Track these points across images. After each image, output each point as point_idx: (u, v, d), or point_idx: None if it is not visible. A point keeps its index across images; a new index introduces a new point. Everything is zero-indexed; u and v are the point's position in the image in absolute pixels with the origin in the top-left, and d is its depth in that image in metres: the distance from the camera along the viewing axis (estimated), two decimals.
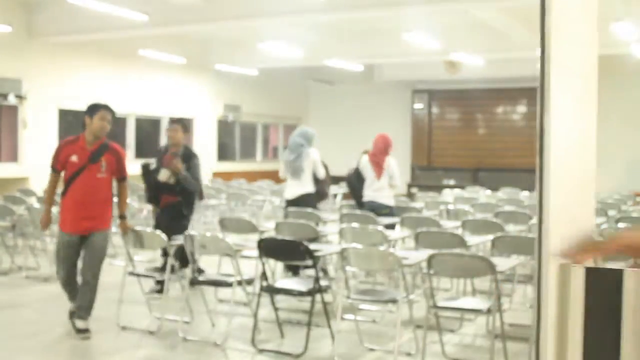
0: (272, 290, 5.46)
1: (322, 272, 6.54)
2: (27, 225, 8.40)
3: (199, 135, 16.82)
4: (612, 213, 8.98)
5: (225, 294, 6.41)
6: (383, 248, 5.52)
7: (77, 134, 5.58)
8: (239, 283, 5.48)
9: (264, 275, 5.39)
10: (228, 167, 17.77)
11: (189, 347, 5.39)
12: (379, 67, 17.93)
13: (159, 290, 6.79)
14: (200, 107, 16.81)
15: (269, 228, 6.96)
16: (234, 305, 5.72)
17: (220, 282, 5.68)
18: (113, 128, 5.61)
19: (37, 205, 8.52)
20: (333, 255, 6.38)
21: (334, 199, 14.11)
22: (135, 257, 7.53)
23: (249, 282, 5.65)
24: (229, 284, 5.52)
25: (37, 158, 12.38)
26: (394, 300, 5.01)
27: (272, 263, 6.72)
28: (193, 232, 5.96)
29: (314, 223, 7.15)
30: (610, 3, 10.93)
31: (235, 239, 6.16)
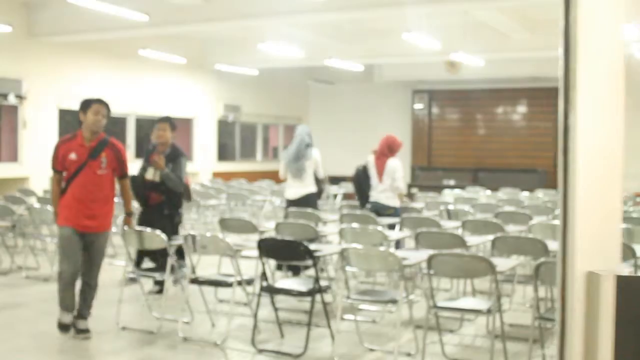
0: (272, 291, 5.46)
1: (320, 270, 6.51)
2: (27, 225, 8.41)
3: (199, 136, 16.83)
4: None
5: (225, 294, 6.42)
6: (383, 248, 5.53)
7: (73, 132, 5.47)
8: (239, 283, 5.48)
9: (264, 276, 5.39)
10: (228, 167, 17.77)
11: (189, 347, 5.39)
12: (379, 67, 17.93)
13: (159, 291, 6.79)
14: (201, 107, 16.81)
15: (269, 228, 6.96)
16: (234, 306, 5.72)
17: (220, 282, 5.68)
18: (112, 128, 5.55)
19: (37, 205, 8.52)
20: (333, 256, 6.38)
21: (334, 199, 14.11)
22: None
23: (249, 282, 5.65)
24: (229, 284, 5.52)
25: (37, 158, 12.39)
26: (394, 301, 5.01)
27: (272, 263, 6.73)
28: (192, 231, 5.95)
29: (314, 223, 7.15)
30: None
31: (235, 239, 6.16)
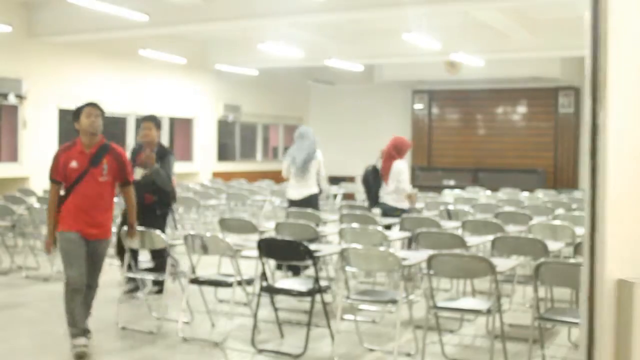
0: (271, 291, 5.46)
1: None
2: (27, 225, 8.40)
3: (199, 136, 16.83)
4: None
5: (225, 294, 6.42)
6: (383, 248, 5.52)
7: (73, 139, 5.21)
8: (239, 283, 5.48)
9: (264, 276, 5.39)
10: (228, 167, 17.77)
11: (189, 347, 5.39)
12: (379, 67, 17.93)
13: (158, 291, 6.79)
14: (201, 107, 16.81)
15: (269, 228, 6.96)
16: (234, 306, 5.72)
17: (220, 282, 5.68)
18: (112, 128, 5.41)
19: (37, 205, 8.52)
20: (333, 256, 6.38)
21: (334, 199, 14.11)
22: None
23: (249, 282, 5.65)
24: (229, 284, 5.52)
25: (37, 158, 12.38)
26: (394, 301, 5.01)
27: (272, 263, 6.73)
28: (192, 231, 5.95)
29: (314, 223, 7.15)
30: None
31: (235, 239, 6.16)
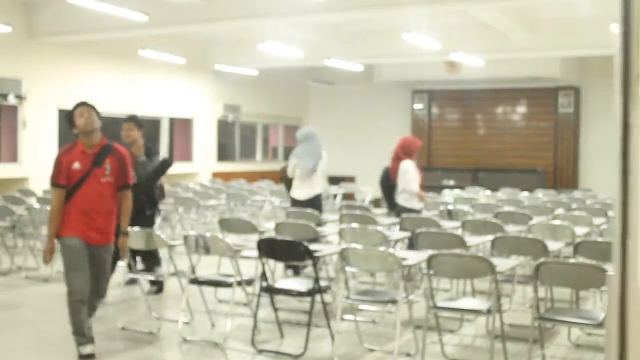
0: (272, 291, 5.46)
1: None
2: (27, 226, 8.40)
3: (199, 136, 16.83)
4: (611, 214, 8.98)
5: (225, 295, 6.42)
6: (383, 249, 5.52)
7: (73, 141, 4.99)
8: (239, 284, 5.48)
9: (264, 276, 5.39)
10: (228, 167, 17.76)
11: (189, 347, 5.39)
12: (379, 67, 17.92)
13: (157, 291, 6.79)
14: (200, 107, 16.81)
15: (269, 229, 6.96)
16: (234, 306, 5.72)
17: (220, 282, 5.68)
18: (113, 128, 5.34)
19: (37, 206, 8.52)
20: (333, 256, 6.38)
21: (334, 200, 14.11)
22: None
23: (249, 282, 5.65)
24: (229, 285, 5.52)
25: (37, 159, 12.39)
26: (394, 301, 5.01)
27: (272, 264, 6.72)
28: (192, 232, 5.95)
29: (314, 224, 7.15)
30: (611, 3, 10.94)
31: (235, 240, 6.16)
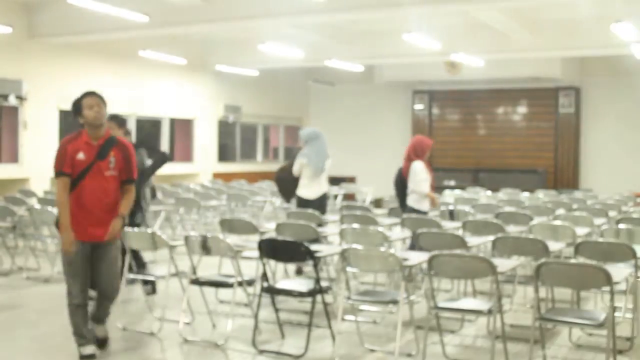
0: (272, 291, 5.46)
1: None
2: (27, 226, 8.40)
3: (200, 136, 16.83)
4: (612, 214, 8.97)
5: (226, 295, 6.41)
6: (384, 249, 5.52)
7: (77, 131, 4.88)
8: (240, 284, 5.48)
9: (265, 276, 5.39)
10: (228, 168, 17.77)
11: (190, 348, 5.39)
12: (380, 67, 17.93)
13: (151, 291, 6.71)
14: (201, 107, 16.81)
15: (270, 229, 6.96)
16: (235, 306, 5.71)
17: (221, 283, 5.68)
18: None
19: (37, 206, 8.52)
20: (334, 256, 6.38)
21: (335, 200, 14.10)
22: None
23: (250, 283, 5.65)
24: (230, 285, 5.52)
25: (37, 159, 12.40)
26: (395, 301, 5.01)
27: (272, 264, 6.72)
28: (193, 232, 5.95)
29: (315, 224, 7.14)
30: (611, 3, 10.94)
31: (236, 240, 6.16)
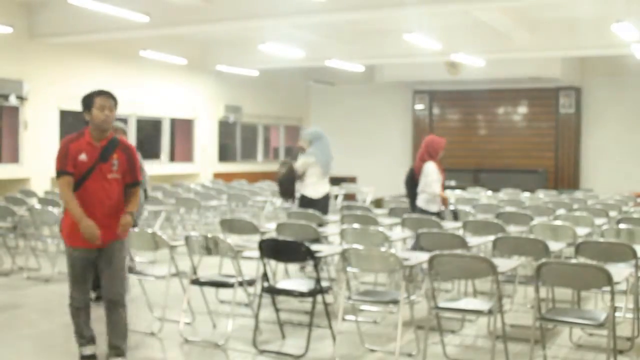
0: (273, 291, 5.46)
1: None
2: (28, 226, 8.41)
3: (200, 136, 16.83)
4: (613, 214, 8.97)
5: (227, 295, 6.41)
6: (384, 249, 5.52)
7: (79, 131, 4.69)
8: (240, 284, 5.48)
9: (265, 276, 5.39)
10: (229, 168, 17.76)
11: (190, 348, 5.39)
12: (380, 67, 17.92)
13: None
14: (201, 107, 16.81)
15: (270, 229, 6.96)
16: (235, 306, 5.72)
17: (222, 283, 5.68)
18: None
19: (38, 206, 8.52)
20: (334, 256, 6.38)
21: (335, 200, 14.10)
22: (136, 257, 7.53)
23: (250, 283, 5.65)
24: (230, 285, 5.52)
25: (38, 159, 12.40)
26: (395, 301, 5.01)
27: (273, 264, 6.73)
28: (194, 232, 5.95)
29: (315, 224, 7.15)
30: (611, 3, 10.94)
31: (236, 240, 6.16)
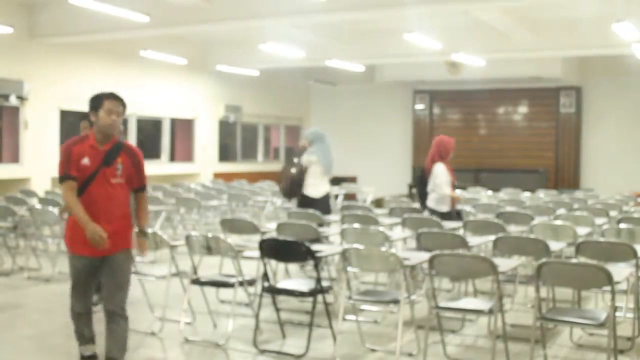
0: (273, 291, 5.46)
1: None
2: (28, 226, 8.41)
3: (200, 136, 16.83)
4: (613, 214, 8.97)
5: (227, 295, 6.41)
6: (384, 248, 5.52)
7: (79, 134, 4.70)
8: (241, 284, 5.48)
9: (266, 276, 5.39)
10: (229, 167, 17.77)
11: (191, 347, 5.39)
12: (380, 67, 17.92)
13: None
14: (202, 107, 16.81)
15: (271, 229, 6.96)
16: (236, 306, 5.72)
17: (222, 282, 5.68)
18: None
19: (38, 206, 8.52)
20: (335, 256, 6.38)
21: (335, 200, 14.11)
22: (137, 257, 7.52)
23: (251, 282, 5.65)
24: (231, 285, 5.52)
25: (38, 159, 12.38)
26: (396, 301, 5.01)
27: (273, 264, 6.73)
28: (194, 232, 5.95)
29: (316, 224, 7.15)
30: (612, 3, 10.93)
31: (237, 240, 6.16)
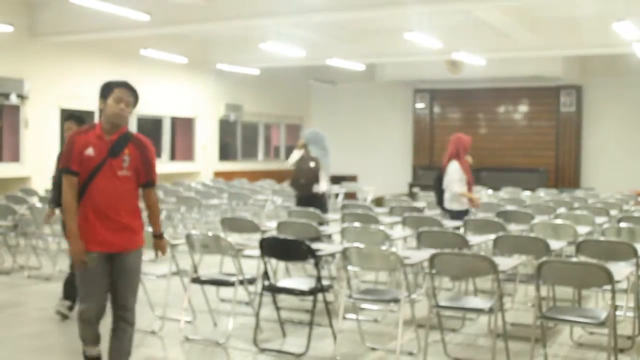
0: (274, 290, 5.46)
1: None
2: (29, 225, 8.41)
3: (201, 135, 16.83)
4: (613, 212, 8.97)
5: (227, 294, 6.42)
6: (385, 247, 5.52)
7: (90, 123, 4.40)
8: (241, 282, 5.49)
9: (266, 275, 5.39)
10: (230, 166, 17.77)
11: (191, 346, 5.39)
12: (381, 66, 17.92)
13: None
14: (202, 106, 16.82)
15: (271, 227, 6.96)
16: (236, 305, 5.72)
17: (222, 281, 5.69)
18: None
19: (39, 205, 8.52)
20: (335, 255, 6.38)
21: (335, 199, 14.11)
22: None
23: (251, 281, 5.66)
24: (231, 284, 5.52)
25: (38, 158, 12.40)
26: (396, 300, 5.01)
27: (274, 262, 6.73)
28: (194, 231, 5.95)
29: (316, 222, 7.15)
30: (612, 2, 10.93)
31: (237, 239, 6.17)
